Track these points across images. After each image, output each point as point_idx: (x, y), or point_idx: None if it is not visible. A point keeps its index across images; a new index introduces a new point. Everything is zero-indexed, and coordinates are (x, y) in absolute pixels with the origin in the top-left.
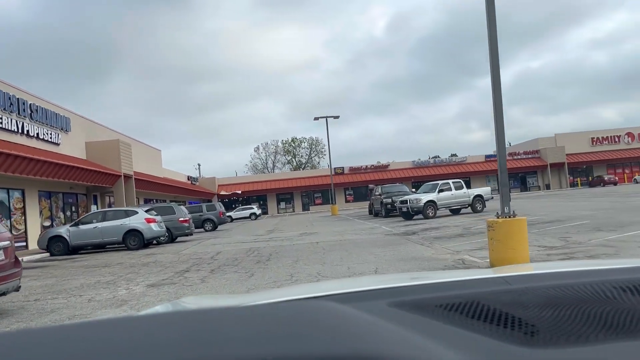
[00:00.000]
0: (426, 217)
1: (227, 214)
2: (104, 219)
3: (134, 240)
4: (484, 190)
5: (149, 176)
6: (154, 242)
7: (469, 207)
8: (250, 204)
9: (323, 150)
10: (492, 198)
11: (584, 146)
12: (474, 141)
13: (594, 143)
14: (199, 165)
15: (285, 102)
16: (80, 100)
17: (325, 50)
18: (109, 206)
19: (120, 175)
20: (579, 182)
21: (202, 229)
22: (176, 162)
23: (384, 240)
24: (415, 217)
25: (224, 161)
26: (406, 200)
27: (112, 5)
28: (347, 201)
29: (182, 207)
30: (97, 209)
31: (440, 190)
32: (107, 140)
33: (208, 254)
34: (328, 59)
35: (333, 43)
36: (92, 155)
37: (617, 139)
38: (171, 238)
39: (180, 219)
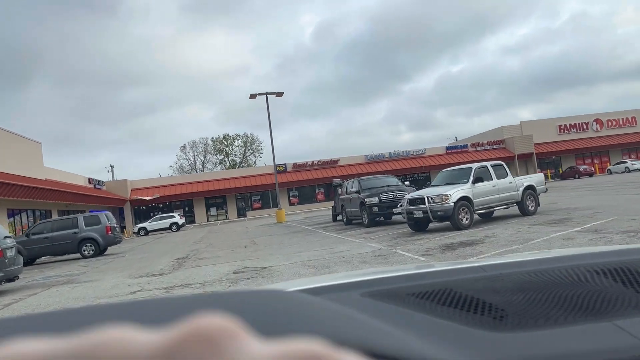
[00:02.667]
0: (458, 226)
1: (140, 225)
2: None
3: None
4: (536, 178)
5: (18, 177)
6: None
7: (516, 206)
8: (173, 211)
9: (260, 148)
10: (546, 190)
11: (552, 135)
12: (405, 142)
13: (561, 131)
14: (111, 167)
15: (216, 107)
16: None
17: (254, 56)
18: None
19: None
20: (548, 174)
21: (78, 254)
22: (101, 169)
23: None
24: (427, 227)
25: (153, 166)
26: (423, 199)
27: (35, 10)
28: (291, 204)
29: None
30: None
31: (477, 180)
32: None
33: None
34: (257, 64)
35: (262, 49)
36: None
37: (585, 127)
38: None
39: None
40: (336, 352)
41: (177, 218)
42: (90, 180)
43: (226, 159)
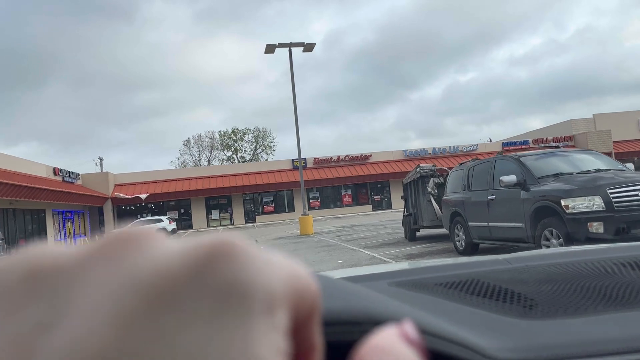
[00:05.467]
0: None
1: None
2: None
3: None
4: None
5: None
6: None
7: None
8: (166, 213)
9: (272, 144)
10: None
11: (632, 131)
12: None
13: None
14: (100, 160)
15: (225, 110)
16: (13, 107)
17: (263, 63)
18: None
19: None
20: None
21: None
22: (112, 167)
23: None
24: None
25: (158, 167)
26: None
27: (54, 16)
28: (311, 207)
29: None
30: None
31: None
32: None
33: None
34: (266, 71)
35: (271, 56)
36: None
37: None
38: None
39: None
40: (245, 241)
41: (166, 223)
42: (57, 171)
43: (235, 156)
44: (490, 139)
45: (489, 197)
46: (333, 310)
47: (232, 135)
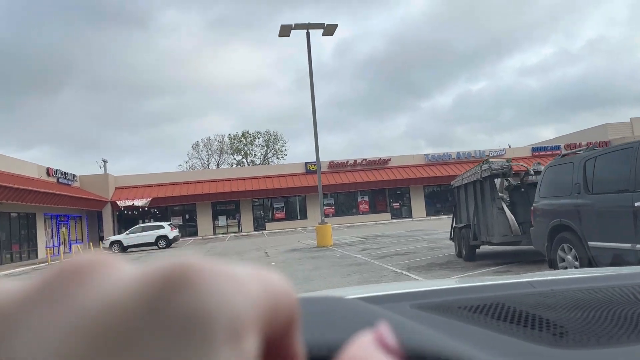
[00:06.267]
0: None
1: (113, 238)
2: None
3: None
4: None
5: None
6: None
7: None
8: (170, 218)
9: (284, 148)
10: None
11: None
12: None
13: None
14: (104, 162)
15: (236, 117)
16: (27, 112)
17: (274, 71)
18: None
19: None
20: None
21: None
22: (122, 171)
23: None
24: None
25: (170, 170)
26: None
27: (70, 23)
28: (325, 214)
29: None
30: None
31: None
32: None
33: None
34: (277, 79)
35: (282, 64)
36: None
37: None
38: None
39: None
40: (207, 262)
41: (167, 229)
42: (50, 172)
43: (245, 160)
44: (509, 146)
45: (637, 204)
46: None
47: (242, 139)
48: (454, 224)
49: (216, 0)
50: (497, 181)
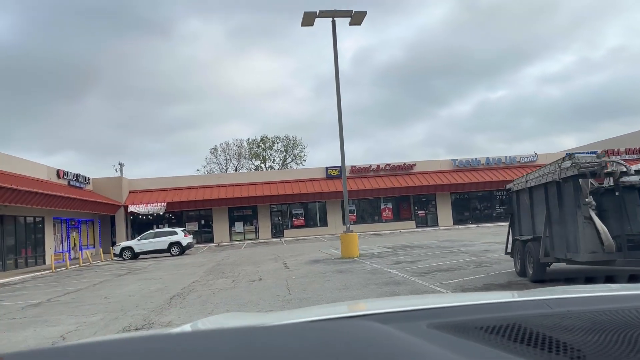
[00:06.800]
0: None
1: (124, 244)
2: None
3: None
4: None
5: None
6: None
7: None
8: (185, 224)
9: (303, 154)
10: None
11: None
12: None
13: None
14: (120, 165)
15: (255, 124)
16: (51, 118)
17: (293, 79)
18: None
19: None
20: None
21: None
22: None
23: None
24: None
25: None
26: None
27: (95, 32)
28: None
29: None
30: None
31: None
32: None
33: None
34: (296, 87)
35: (301, 73)
36: None
37: None
38: None
39: None
40: None
41: (181, 236)
42: (61, 174)
43: (263, 165)
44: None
45: None
46: None
47: (260, 144)
48: (513, 236)
49: (236, 9)
50: (587, 183)
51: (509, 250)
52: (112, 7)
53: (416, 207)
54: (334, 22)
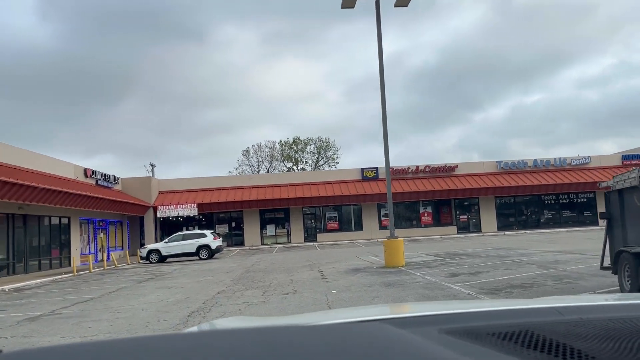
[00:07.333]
0: None
1: (151, 246)
2: None
3: None
4: None
5: None
6: None
7: None
8: (215, 226)
9: (336, 156)
10: None
11: None
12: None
13: None
14: (152, 166)
15: (287, 128)
16: (90, 122)
17: (325, 84)
18: None
19: None
20: None
21: None
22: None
23: None
24: None
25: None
26: None
27: (134, 38)
28: (382, 226)
29: None
30: None
31: None
32: None
33: None
34: (328, 91)
35: (333, 77)
36: None
37: None
38: None
39: None
40: None
41: (210, 238)
42: (88, 173)
43: (295, 167)
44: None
45: None
46: None
47: (293, 145)
48: (614, 246)
49: (270, 15)
50: None
51: (607, 264)
52: (151, 15)
53: (457, 212)
54: (377, 4)
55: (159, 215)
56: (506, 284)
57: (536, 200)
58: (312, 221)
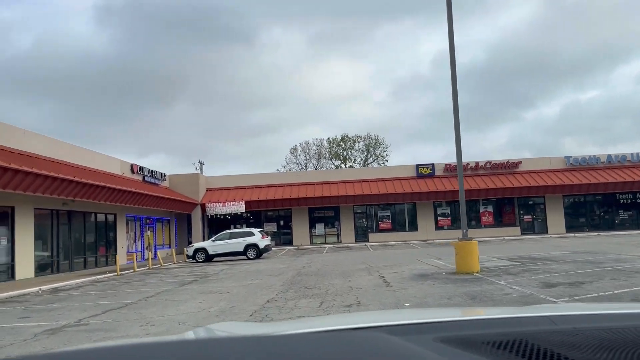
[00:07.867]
0: None
1: (197, 245)
2: None
3: None
4: None
5: None
6: None
7: None
8: (263, 224)
9: (385, 153)
10: None
11: None
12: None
13: None
14: (200, 163)
15: (333, 128)
16: (143, 123)
17: (371, 83)
18: None
19: None
20: None
21: None
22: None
23: None
24: None
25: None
26: None
27: (183, 41)
28: (438, 226)
29: None
30: None
31: None
32: None
33: None
34: (374, 91)
35: (379, 76)
36: None
37: None
38: None
39: None
40: None
41: (258, 237)
42: (135, 169)
43: (343, 166)
44: None
45: None
46: None
47: (341, 143)
48: None
49: (316, 16)
50: None
51: None
52: (200, 18)
53: (521, 212)
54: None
55: (207, 213)
56: (632, 299)
57: (610, 199)
58: (364, 220)
